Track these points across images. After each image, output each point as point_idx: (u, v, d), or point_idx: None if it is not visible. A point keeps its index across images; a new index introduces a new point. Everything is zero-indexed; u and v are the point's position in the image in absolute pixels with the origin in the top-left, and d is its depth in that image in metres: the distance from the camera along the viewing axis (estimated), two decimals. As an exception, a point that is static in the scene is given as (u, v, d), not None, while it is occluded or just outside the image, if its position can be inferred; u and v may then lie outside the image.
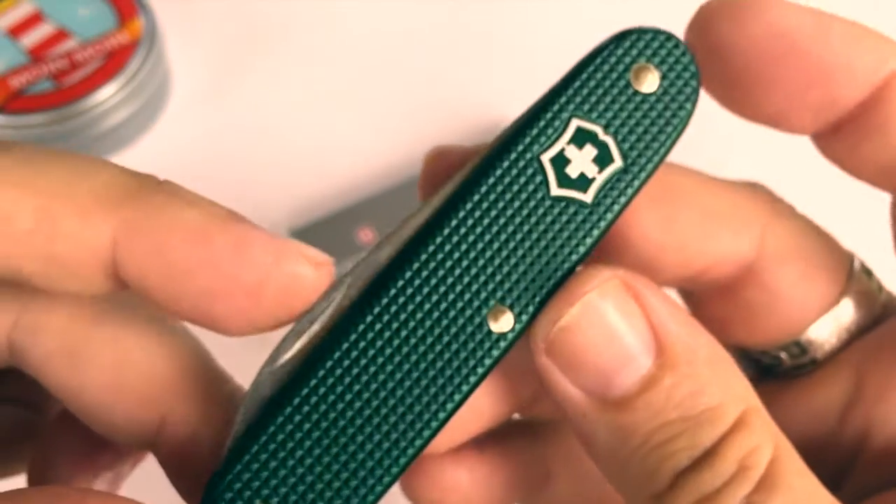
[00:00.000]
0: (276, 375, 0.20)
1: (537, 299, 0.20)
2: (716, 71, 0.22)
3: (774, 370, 0.25)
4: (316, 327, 0.20)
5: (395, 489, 0.21)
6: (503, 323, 0.20)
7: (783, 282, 0.24)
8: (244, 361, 0.23)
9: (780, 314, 0.24)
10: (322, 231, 0.48)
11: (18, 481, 0.26)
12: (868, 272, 0.25)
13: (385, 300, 0.20)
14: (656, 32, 0.21)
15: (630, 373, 0.20)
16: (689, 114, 0.21)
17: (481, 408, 0.23)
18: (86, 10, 0.52)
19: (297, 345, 0.20)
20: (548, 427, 0.26)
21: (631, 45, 0.21)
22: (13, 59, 0.50)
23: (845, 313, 0.24)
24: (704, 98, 0.22)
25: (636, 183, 0.21)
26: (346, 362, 0.20)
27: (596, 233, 0.21)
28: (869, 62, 0.21)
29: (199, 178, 0.50)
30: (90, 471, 0.25)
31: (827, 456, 0.24)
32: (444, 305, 0.20)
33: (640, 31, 0.21)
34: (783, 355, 0.25)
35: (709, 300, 0.25)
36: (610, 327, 0.20)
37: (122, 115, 0.50)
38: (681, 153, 0.22)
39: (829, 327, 0.24)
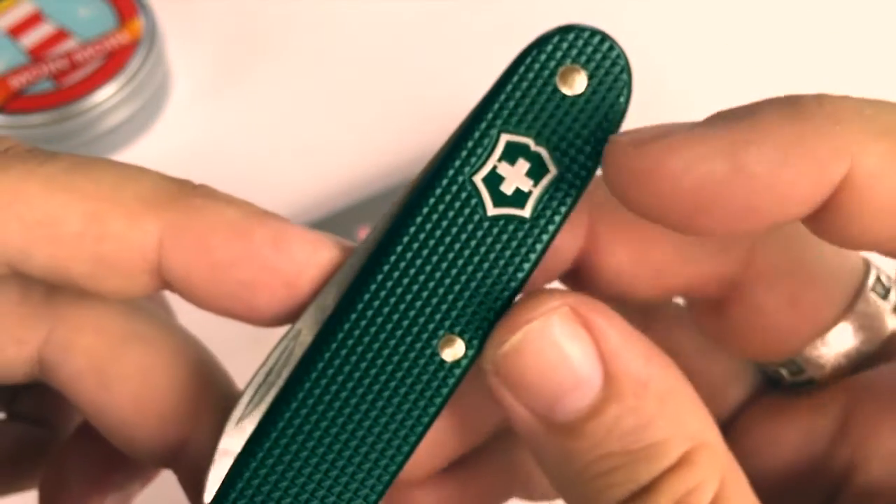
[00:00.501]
0: (240, 431, 0.20)
1: (487, 323, 0.20)
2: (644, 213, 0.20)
3: (779, 383, 0.25)
4: (274, 378, 0.20)
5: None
6: (455, 351, 0.20)
7: (770, 303, 0.23)
8: (246, 362, 0.23)
9: (768, 334, 0.23)
10: (322, 231, 0.47)
11: (27, 497, 0.26)
12: (884, 290, 0.23)
13: (334, 345, 0.20)
14: (579, 30, 0.20)
15: (575, 400, 0.19)
16: (623, 109, 0.20)
17: (447, 441, 0.23)
18: (86, 10, 0.52)
19: (256, 397, 0.20)
20: None
21: (554, 48, 0.20)
22: (13, 59, 0.50)
23: (843, 337, 0.23)
24: (692, 92, 0.21)
25: (574, 190, 0.20)
26: (304, 411, 0.20)
27: (539, 247, 0.20)
28: (806, 181, 0.18)
29: (199, 178, 0.50)
30: (102, 490, 0.25)
31: (817, 479, 0.24)
32: (393, 342, 0.20)
33: (561, 32, 0.20)
34: (783, 371, 0.24)
35: (702, 311, 0.24)
36: (553, 355, 0.19)
37: (122, 115, 0.50)
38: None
39: (825, 350, 0.23)
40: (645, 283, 0.23)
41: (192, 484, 0.22)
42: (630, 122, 0.20)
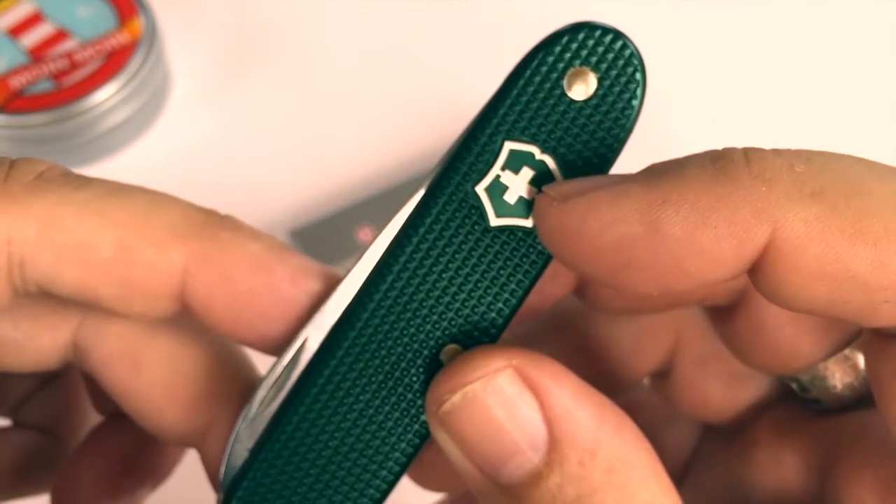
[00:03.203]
0: (252, 429, 0.21)
1: (493, 332, 0.20)
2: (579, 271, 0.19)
3: (794, 394, 0.24)
4: (283, 381, 0.21)
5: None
6: None
7: (771, 318, 0.22)
8: (258, 356, 0.23)
9: (770, 349, 0.23)
10: (322, 231, 0.48)
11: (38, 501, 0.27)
12: None
13: (340, 353, 0.20)
14: (589, 28, 0.19)
15: (517, 465, 0.19)
16: (636, 113, 0.19)
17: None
18: (86, 10, 0.52)
19: (267, 398, 0.21)
20: None
21: (562, 49, 0.19)
22: (13, 59, 0.50)
23: (849, 364, 0.22)
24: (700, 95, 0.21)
25: None
26: (312, 415, 0.20)
27: (542, 258, 0.20)
28: (727, 245, 0.17)
29: (199, 178, 0.51)
30: (113, 496, 0.26)
31: None
32: (398, 352, 0.20)
33: (570, 31, 0.19)
34: (793, 385, 0.24)
35: (713, 316, 0.24)
36: (494, 419, 0.19)
37: (122, 116, 0.50)
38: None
39: (829, 374, 0.23)
40: (650, 298, 0.23)
41: (214, 465, 0.23)
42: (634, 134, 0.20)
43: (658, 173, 0.18)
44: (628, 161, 0.20)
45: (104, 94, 0.49)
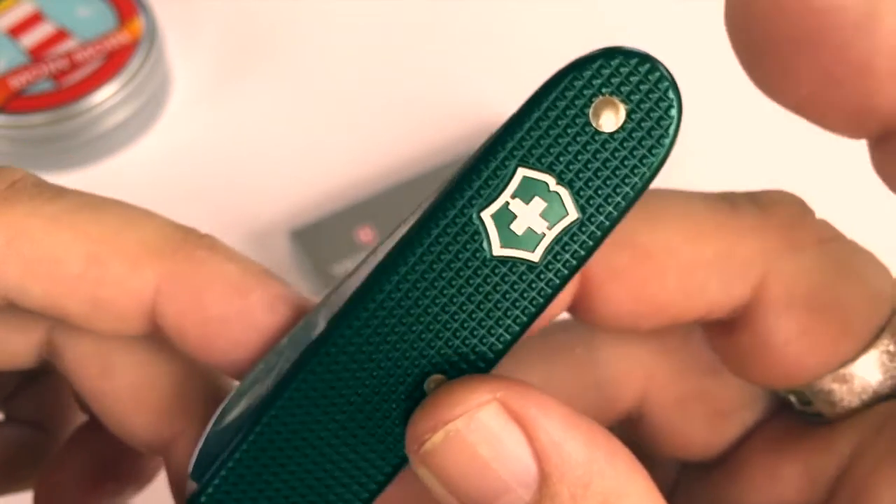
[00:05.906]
0: (222, 435, 0.20)
1: (482, 367, 0.19)
2: (745, 34, 0.16)
3: (791, 407, 0.23)
4: (259, 389, 0.20)
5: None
6: None
7: (778, 334, 0.21)
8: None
9: (775, 363, 0.22)
10: (322, 231, 0.48)
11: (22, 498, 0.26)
12: None
13: (315, 369, 0.19)
14: (625, 56, 0.17)
15: (508, 503, 0.18)
16: (666, 151, 0.18)
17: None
18: (86, 10, 0.52)
19: (242, 402, 0.20)
20: None
21: (592, 75, 0.17)
22: (13, 59, 0.50)
23: (858, 376, 0.21)
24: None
25: (596, 236, 0.18)
26: (279, 428, 0.19)
27: (544, 295, 0.18)
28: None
29: (199, 178, 0.51)
30: (96, 497, 0.25)
31: None
32: (379, 375, 0.19)
33: (603, 56, 0.17)
34: (792, 398, 0.23)
35: (712, 331, 0.23)
36: (478, 460, 0.18)
37: (122, 116, 0.50)
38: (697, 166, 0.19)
39: (836, 386, 0.22)
40: (648, 317, 0.22)
41: (178, 475, 0.22)
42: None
43: None
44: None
45: (104, 94, 0.49)
